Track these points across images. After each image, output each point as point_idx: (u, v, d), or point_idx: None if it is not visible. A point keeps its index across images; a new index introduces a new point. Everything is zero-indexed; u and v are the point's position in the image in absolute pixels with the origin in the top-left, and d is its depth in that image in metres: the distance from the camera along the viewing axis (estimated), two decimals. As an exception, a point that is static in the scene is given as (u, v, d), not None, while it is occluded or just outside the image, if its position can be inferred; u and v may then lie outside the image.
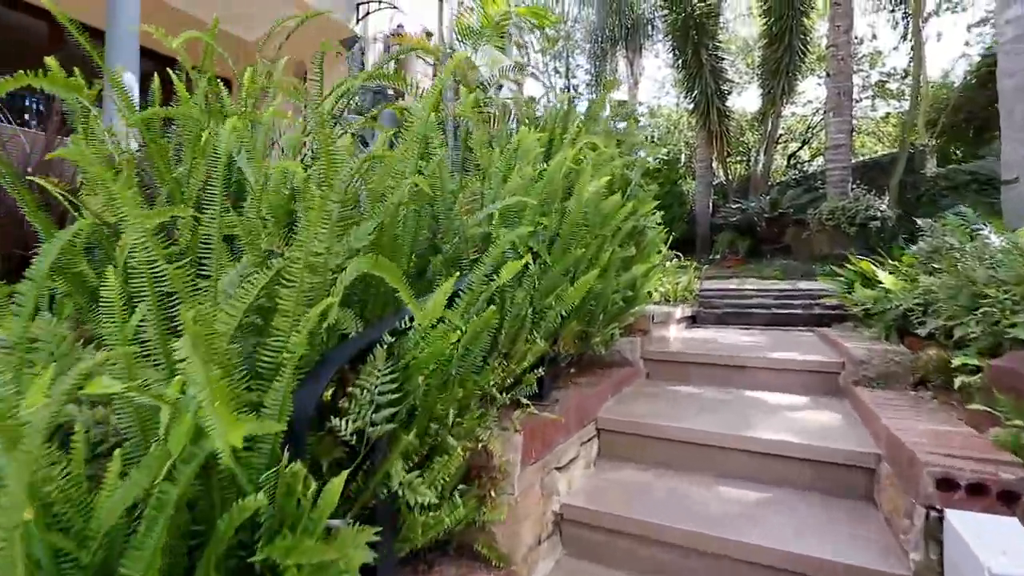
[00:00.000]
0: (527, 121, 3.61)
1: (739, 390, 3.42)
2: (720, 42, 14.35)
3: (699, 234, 14.01)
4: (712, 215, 13.99)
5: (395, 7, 7.86)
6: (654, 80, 28.89)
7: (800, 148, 19.78)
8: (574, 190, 2.51)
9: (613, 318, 3.32)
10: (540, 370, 2.30)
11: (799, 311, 5.83)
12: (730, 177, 15.68)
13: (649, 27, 17.57)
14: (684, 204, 14.13)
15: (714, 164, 15.12)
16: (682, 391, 3.42)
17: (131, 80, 5.65)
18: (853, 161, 12.40)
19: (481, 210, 2.02)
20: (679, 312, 5.18)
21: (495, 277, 1.70)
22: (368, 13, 9.14)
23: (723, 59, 14.33)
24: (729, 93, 14.28)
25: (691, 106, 14.36)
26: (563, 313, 2.25)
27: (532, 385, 2.23)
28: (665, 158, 19.44)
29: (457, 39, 4.24)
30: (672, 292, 6.72)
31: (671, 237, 13.44)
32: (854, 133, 17.69)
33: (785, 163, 19.13)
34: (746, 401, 3.16)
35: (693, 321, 5.96)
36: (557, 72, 25.94)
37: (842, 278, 5.23)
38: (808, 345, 4.25)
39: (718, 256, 12.70)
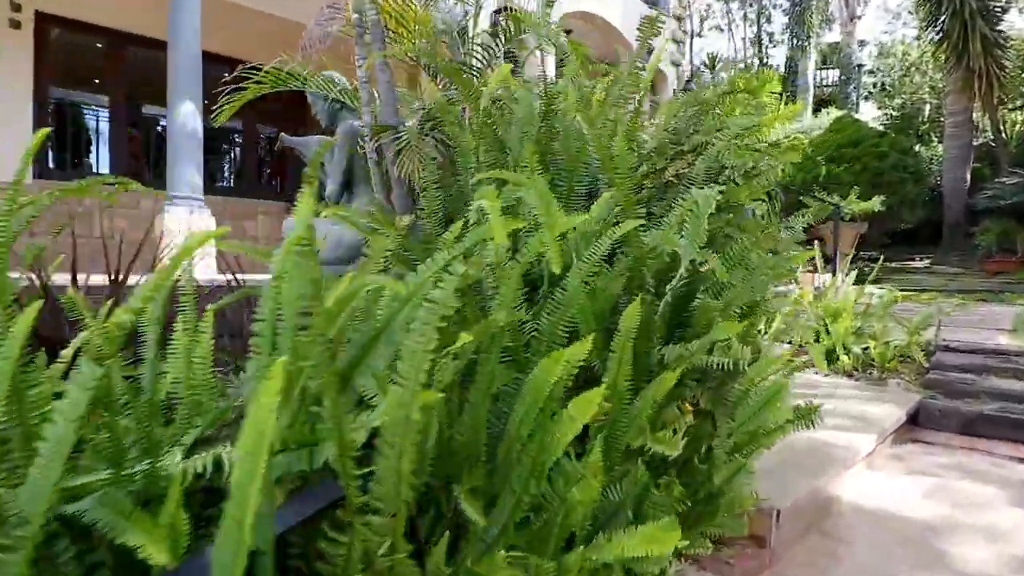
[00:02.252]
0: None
1: None
2: (988, -63, 9.86)
3: (947, 222, 9.97)
4: (969, 194, 9.79)
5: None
6: (884, 10, 22.59)
7: None
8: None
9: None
10: None
11: None
12: (1004, 135, 10.89)
13: (872, -63, 13.22)
14: (921, 179, 10.02)
15: (975, 116, 10.65)
16: None
17: (192, 110, 5.07)
18: None
19: None
20: (872, 438, 2.81)
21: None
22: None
23: (993, -39, 9.85)
24: (1004, 12, 9.81)
25: (938, 36, 10.21)
26: None
27: None
28: (895, 113, 14.68)
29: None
30: (880, 356, 4.15)
31: (898, 228, 9.77)
32: None
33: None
34: None
35: (914, 423, 3.43)
36: (748, 20, 21.83)
37: None
38: None
39: (978, 255, 8.81)
